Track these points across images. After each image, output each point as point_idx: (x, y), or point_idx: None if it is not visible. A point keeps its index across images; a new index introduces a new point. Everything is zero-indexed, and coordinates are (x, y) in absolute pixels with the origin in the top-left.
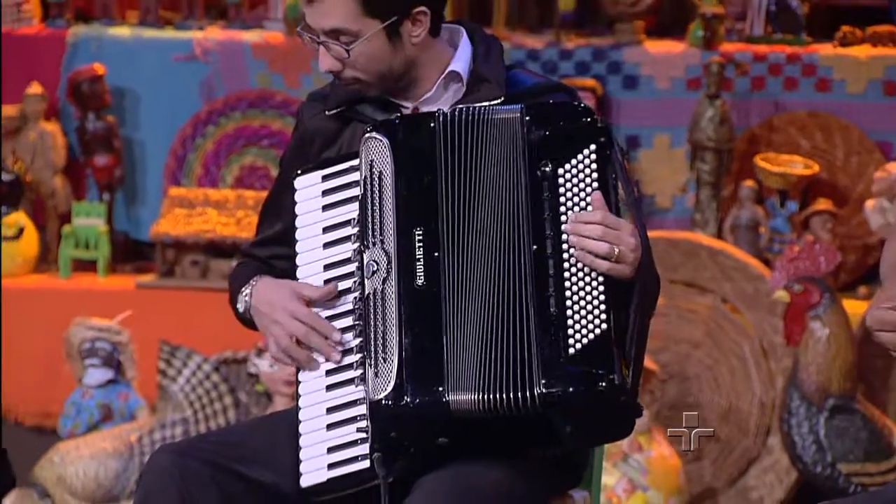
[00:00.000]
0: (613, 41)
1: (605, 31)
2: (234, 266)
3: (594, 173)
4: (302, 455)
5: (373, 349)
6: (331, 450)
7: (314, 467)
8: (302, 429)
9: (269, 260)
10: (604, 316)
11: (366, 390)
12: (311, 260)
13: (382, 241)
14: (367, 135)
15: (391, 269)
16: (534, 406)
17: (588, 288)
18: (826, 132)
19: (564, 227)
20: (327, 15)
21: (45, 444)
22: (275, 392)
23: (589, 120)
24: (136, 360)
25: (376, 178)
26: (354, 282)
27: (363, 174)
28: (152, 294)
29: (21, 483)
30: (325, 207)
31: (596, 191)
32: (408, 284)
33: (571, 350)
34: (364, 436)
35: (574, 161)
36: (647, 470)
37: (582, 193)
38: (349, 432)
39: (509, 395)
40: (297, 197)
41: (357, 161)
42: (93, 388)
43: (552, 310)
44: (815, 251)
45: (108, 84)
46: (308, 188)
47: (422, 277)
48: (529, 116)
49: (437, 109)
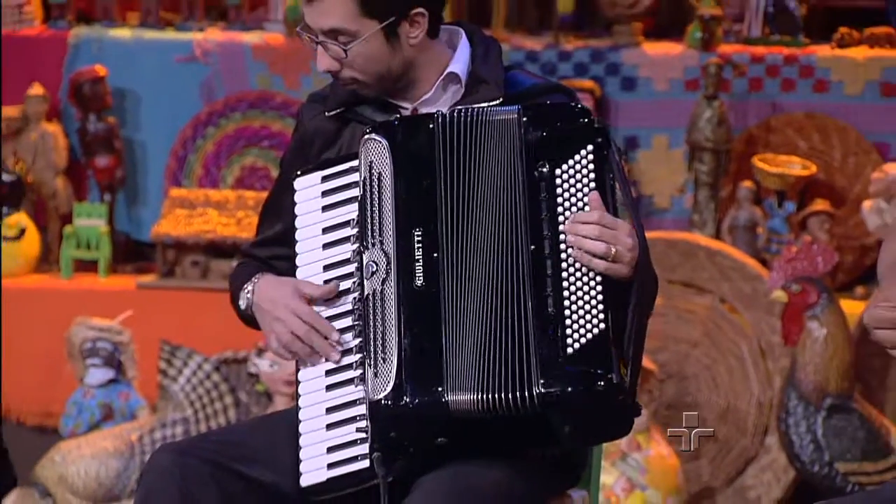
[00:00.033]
0: (612, 43)
1: (603, 33)
2: (235, 266)
3: (591, 174)
4: (302, 455)
5: (372, 349)
6: (330, 449)
7: (314, 467)
8: (302, 428)
9: (269, 260)
10: (602, 315)
11: (365, 390)
12: (311, 260)
13: (382, 242)
14: (367, 136)
15: (390, 269)
16: (532, 406)
17: (586, 288)
18: (823, 133)
19: (562, 227)
20: (326, 15)
21: (47, 444)
22: (275, 392)
23: (586, 121)
24: (137, 360)
25: (375, 180)
26: (354, 282)
27: (362, 175)
28: (153, 294)
29: (22, 482)
30: (325, 208)
31: (593, 191)
32: (407, 285)
33: (570, 350)
34: (363, 436)
35: (571, 161)
36: (645, 469)
37: (579, 194)
38: (349, 432)
39: (508, 395)
40: (296, 198)
41: (356, 162)
42: (94, 387)
43: (550, 310)
44: (812, 251)
45: (109, 85)
46: (308, 189)
47: (421, 278)
48: (527, 117)
49: (435, 111)
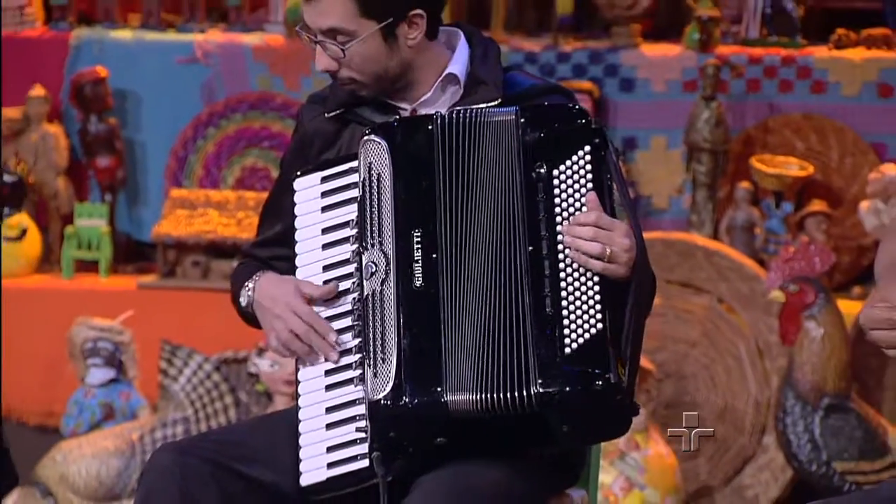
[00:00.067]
0: (610, 44)
1: (601, 35)
2: (236, 266)
3: (589, 174)
4: (301, 454)
5: (371, 350)
6: (330, 449)
7: (314, 466)
8: (301, 428)
9: (269, 260)
10: (599, 316)
11: (365, 390)
12: (311, 261)
13: (381, 243)
14: (366, 137)
15: (390, 270)
16: (530, 406)
17: (583, 288)
18: (821, 134)
19: (559, 227)
20: (325, 14)
21: (48, 443)
22: (275, 392)
23: (583, 121)
24: (138, 360)
25: (375, 180)
26: (353, 282)
27: (362, 176)
28: (154, 294)
29: (24, 482)
30: (325, 209)
31: (591, 192)
32: (406, 286)
33: (567, 350)
34: (363, 435)
35: (569, 162)
36: (643, 468)
37: (577, 195)
38: (348, 432)
39: (506, 395)
40: (296, 198)
41: (356, 163)
42: (95, 387)
43: (548, 310)
44: (809, 252)
45: (110, 86)
46: (307, 189)
47: (420, 279)
48: (525, 119)
49: (434, 112)
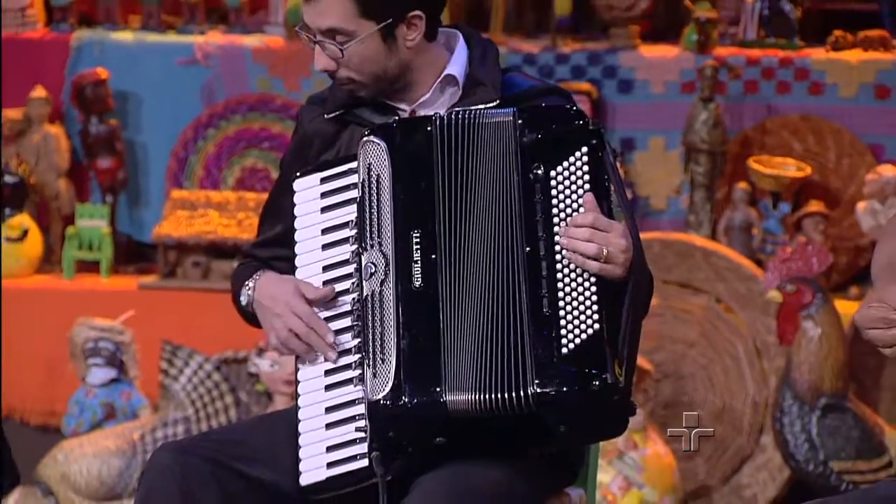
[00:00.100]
0: (609, 46)
1: (600, 36)
2: (236, 266)
3: (586, 175)
4: (301, 454)
5: (371, 350)
6: (330, 449)
7: (313, 466)
8: (301, 428)
9: (269, 261)
10: (596, 316)
11: (364, 390)
12: (311, 261)
13: (380, 244)
14: (365, 138)
15: (389, 271)
16: (528, 406)
17: (580, 289)
18: (818, 135)
19: (557, 228)
20: (324, 14)
21: (50, 443)
22: (275, 391)
23: (581, 123)
24: (139, 360)
25: (374, 182)
26: (353, 283)
27: (361, 177)
28: (154, 295)
29: (25, 481)
30: (324, 209)
31: (588, 193)
32: (405, 286)
33: (564, 350)
34: (363, 435)
35: (566, 163)
36: (642, 468)
37: (574, 195)
38: (348, 431)
39: (504, 395)
40: (295, 199)
41: (355, 164)
42: (96, 387)
43: (545, 310)
44: (807, 252)
45: (111, 88)
46: (307, 190)
47: (419, 279)
48: (522, 120)
49: (433, 113)
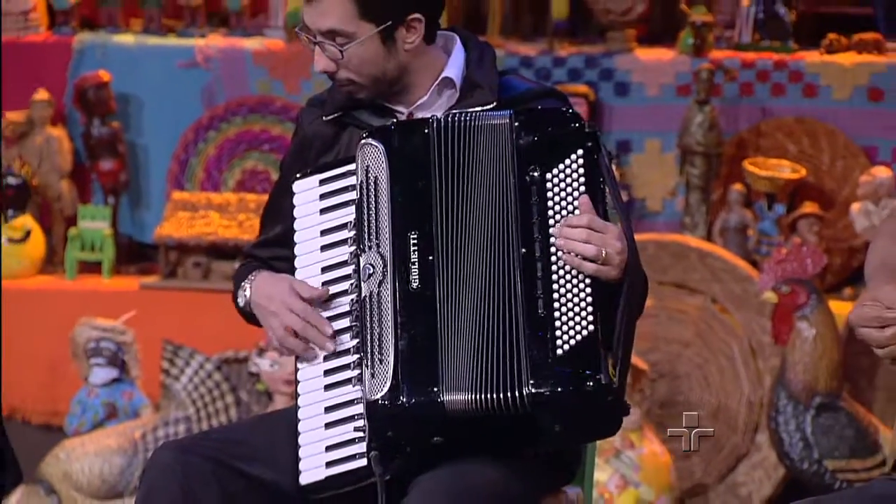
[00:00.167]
0: (605, 49)
1: (597, 40)
2: (238, 266)
3: (582, 177)
4: (301, 453)
5: (369, 350)
6: (329, 448)
7: (313, 465)
8: (301, 427)
9: (269, 261)
10: (591, 317)
11: (363, 390)
12: (310, 262)
13: (378, 245)
14: (363, 140)
15: (387, 272)
16: (523, 406)
17: (575, 290)
18: (812, 137)
19: (552, 230)
20: (324, 15)
21: (52, 442)
22: (275, 391)
23: (577, 125)
24: (140, 360)
25: (372, 183)
26: (351, 284)
27: (359, 179)
28: (156, 295)
29: (28, 479)
30: (323, 211)
31: (583, 195)
32: (403, 287)
33: (559, 351)
34: (361, 435)
35: (562, 166)
36: (638, 466)
37: (569, 198)
38: (347, 431)
39: (500, 395)
40: (295, 200)
41: (353, 166)
42: (98, 386)
43: (541, 312)
44: (801, 253)
45: (113, 90)
46: (306, 192)
47: (417, 280)
48: (518, 122)
49: (430, 115)
